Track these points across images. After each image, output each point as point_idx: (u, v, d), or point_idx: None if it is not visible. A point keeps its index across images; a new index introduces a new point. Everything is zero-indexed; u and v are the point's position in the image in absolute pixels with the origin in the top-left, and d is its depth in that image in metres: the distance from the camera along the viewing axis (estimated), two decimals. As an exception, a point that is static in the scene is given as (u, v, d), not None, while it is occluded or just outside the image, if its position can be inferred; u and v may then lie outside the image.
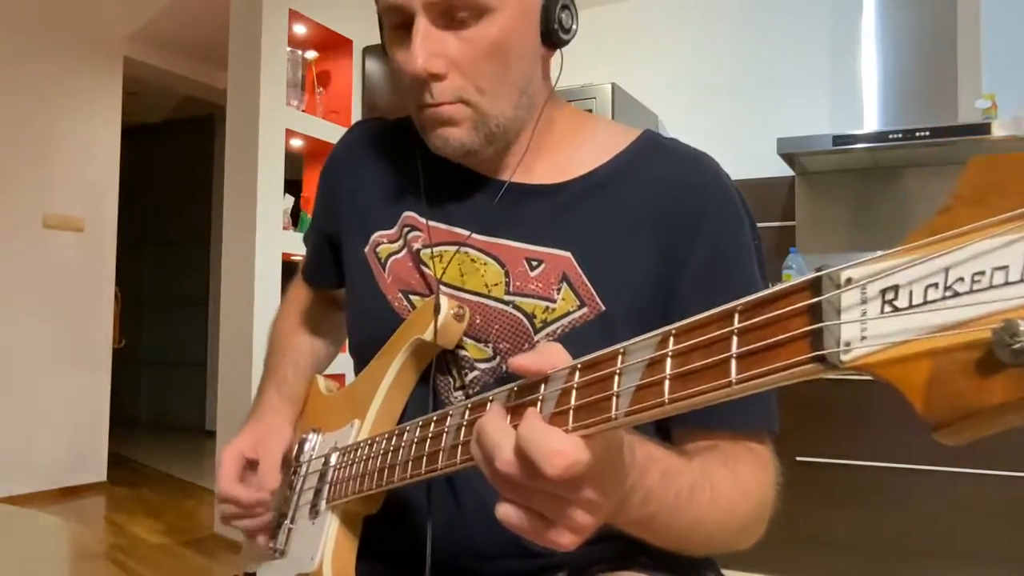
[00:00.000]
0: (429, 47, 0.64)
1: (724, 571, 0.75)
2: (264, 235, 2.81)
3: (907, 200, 2.58)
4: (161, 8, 3.78)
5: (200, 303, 5.40)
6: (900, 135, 2.27)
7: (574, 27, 0.72)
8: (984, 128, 2.18)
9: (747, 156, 2.63)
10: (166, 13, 3.81)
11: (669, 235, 0.68)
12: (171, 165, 5.56)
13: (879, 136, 2.32)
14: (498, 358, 0.70)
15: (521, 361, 0.46)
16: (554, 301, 0.69)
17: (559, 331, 0.68)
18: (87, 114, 3.75)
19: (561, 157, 0.74)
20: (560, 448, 0.40)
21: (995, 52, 2.50)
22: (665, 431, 0.69)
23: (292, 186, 3.00)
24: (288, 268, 2.87)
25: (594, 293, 0.68)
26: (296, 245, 2.93)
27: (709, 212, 0.69)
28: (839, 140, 2.37)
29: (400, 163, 0.80)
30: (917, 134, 2.25)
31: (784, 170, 2.74)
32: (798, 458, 2.15)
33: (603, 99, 2.59)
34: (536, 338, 0.69)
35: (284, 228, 2.92)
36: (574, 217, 0.71)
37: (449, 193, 0.75)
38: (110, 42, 3.84)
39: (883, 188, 2.62)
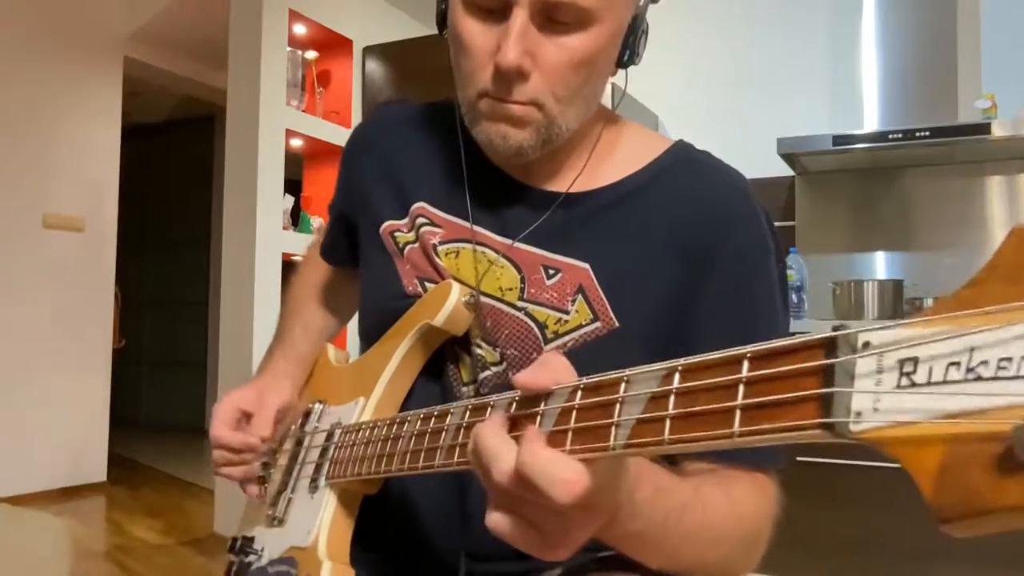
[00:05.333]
0: (524, 44, 0.61)
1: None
2: (264, 235, 2.81)
3: (907, 200, 2.57)
4: (161, 8, 3.78)
5: (200, 303, 5.40)
6: (900, 135, 2.27)
7: (643, 52, 0.71)
8: (984, 128, 2.18)
9: (747, 156, 2.62)
10: (166, 13, 3.81)
11: (691, 256, 0.67)
12: (171, 165, 5.56)
13: (879, 136, 2.32)
14: (505, 363, 0.69)
15: (525, 379, 0.45)
16: (567, 312, 0.68)
17: (569, 344, 0.67)
18: (87, 114, 3.75)
19: (592, 166, 0.73)
20: (568, 477, 0.39)
21: (995, 52, 2.50)
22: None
23: (292, 186, 3.00)
24: (288, 268, 2.87)
25: (609, 308, 0.67)
26: (296, 245, 2.93)
27: (734, 238, 0.67)
28: (839, 140, 2.37)
29: (422, 152, 0.79)
30: (917, 134, 2.25)
31: (784, 170, 2.74)
32: (798, 458, 2.15)
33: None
34: (546, 348, 0.68)
35: (284, 228, 2.92)
36: (596, 229, 0.70)
37: (472, 189, 0.74)
38: (110, 42, 3.84)
39: (883, 188, 2.62)
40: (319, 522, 0.71)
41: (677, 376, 0.38)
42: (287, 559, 0.72)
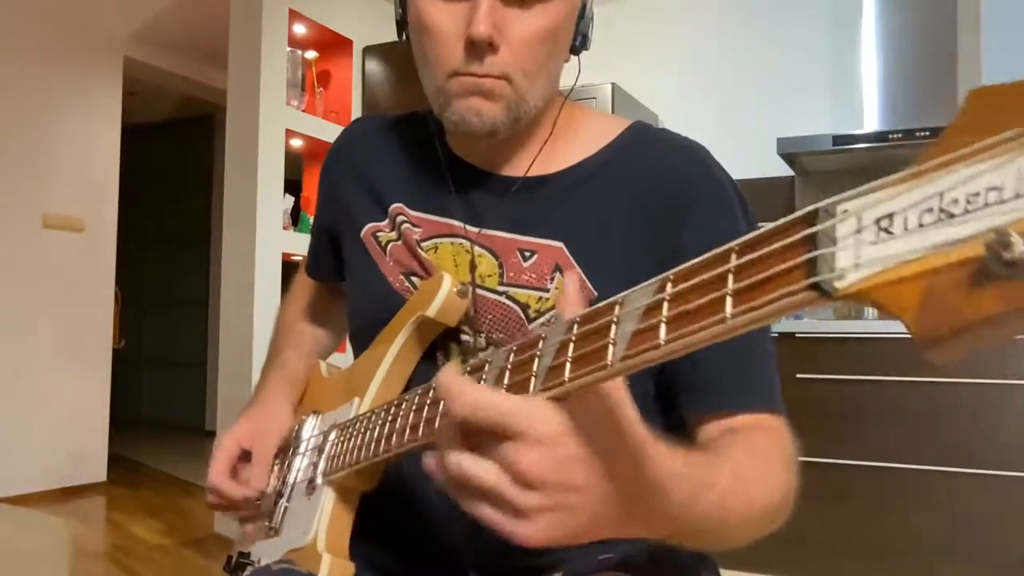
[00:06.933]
0: (493, 17, 0.64)
1: (723, 570, 0.75)
2: (264, 235, 2.81)
3: (907, 200, 2.57)
4: (161, 8, 3.78)
5: (200, 303, 5.40)
6: (900, 135, 2.27)
7: (592, 38, 0.74)
8: (984, 128, 2.18)
9: (747, 156, 2.63)
10: (166, 13, 3.81)
11: (659, 222, 0.69)
12: (171, 165, 5.56)
13: (879, 136, 2.32)
14: (491, 348, 0.71)
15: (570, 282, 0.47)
16: (547, 291, 0.70)
17: (553, 320, 0.69)
18: (87, 114, 3.75)
19: (555, 149, 0.75)
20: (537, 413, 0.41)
21: (995, 52, 2.50)
22: (679, 422, 0.69)
23: (292, 186, 3.00)
24: (288, 268, 2.87)
25: (587, 281, 0.69)
26: (296, 245, 2.93)
27: (699, 200, 0.69)
28: (839, 140, 2.37)
29: (394, 158, 0.81)
30: (917, 134, 2.25)
31: (784, 170, 2.74)
32: (799, 458, 2.15)
33: (603, 99, 2.59)
34: (530, 327, 0.70)
35: (284, 228, 2.92)
36: (565, 207, 0.72)
37: (444, 185, 0.76)
38: (110, 42, 3.84)
39: (883, 188, 2.61)
40: (317, 520, 0.71)
41: (669, 284, 0.39)
42: (285, 561, 0.72)
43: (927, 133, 2.23)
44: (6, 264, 3.39)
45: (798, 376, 2.18)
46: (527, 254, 0.71)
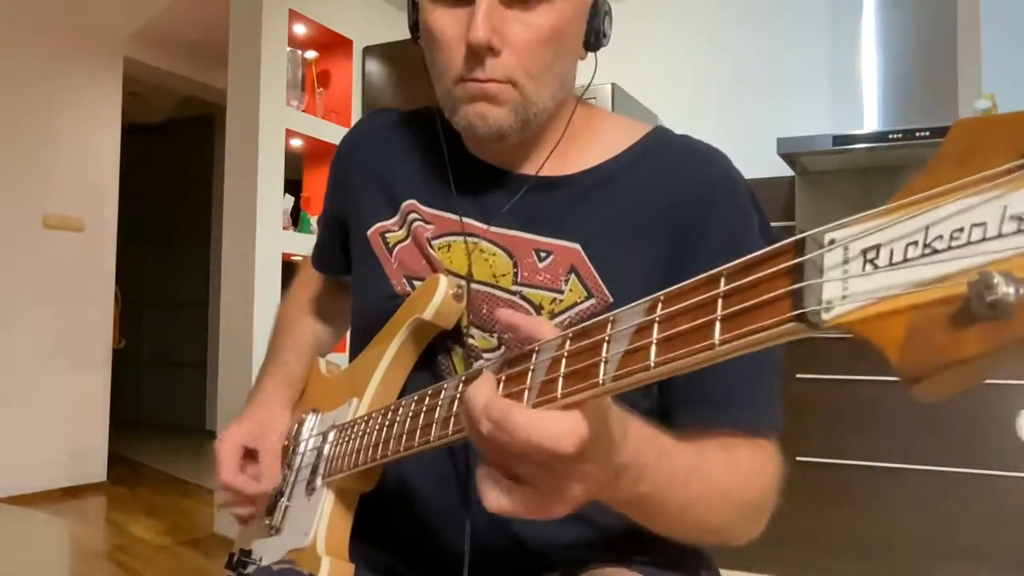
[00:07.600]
0: (492, 21, 0.63)
1: (723, 570, 0.75)
2: (264, 235, 2.81)
3: (907, 200, 2.57)
4: (161, 8, 3.78)
5: (200, 303, 5.40)
6: (900, 135, 2.27)
7: (610, 33, 0.73)
8: (984, 128, 2.18)
9: (747, 156, 2.61)
10: (166, 13, 3.81)
11: (677, 229, 0.69)
12: (171, 165, 5.55)
13: (879, 136, 2.32)
14: (503, 348, 0.70)
15: (509, 316, 0.47)
16: (562, 292, 0.69)
17: (566, 322, 0.69)
18: (87, 114, 3.75)
19: (572, 150, 0.74)
20: (563, 429, 0.41)
21: (995, 52, 2.50)
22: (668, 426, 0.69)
23: (292, 186, 3.00)
24: (288, 268, 2.87)
25: (602, 284, 0.68)
26: (296, 245, 2.93)
27: (717, 209, 0.69)
28: (839, 140, 2.37)
29: (408, 154, 0.81)
30: (917, 134, 2.25)
31: (784, 170, 2.74)
32: (798, 458, 2.15)
33: (603, 99, 2.59)
34: None
35: (284, 228, 2.92)
36: (584, 209, 0.71)
37: (458, 184, 0.75)
38: (110, 42, 3.84)
39: (883, 188, 2.61)
40: (316, 521, 0.71)
41: (660, 305, 0.39)
42: (286, 561, 0.72)
43: (927, 133, 2.23)
44: (6, 264, 3.39)
45: (798, 376, 2.18)
46: (543, 255, 0.70)
